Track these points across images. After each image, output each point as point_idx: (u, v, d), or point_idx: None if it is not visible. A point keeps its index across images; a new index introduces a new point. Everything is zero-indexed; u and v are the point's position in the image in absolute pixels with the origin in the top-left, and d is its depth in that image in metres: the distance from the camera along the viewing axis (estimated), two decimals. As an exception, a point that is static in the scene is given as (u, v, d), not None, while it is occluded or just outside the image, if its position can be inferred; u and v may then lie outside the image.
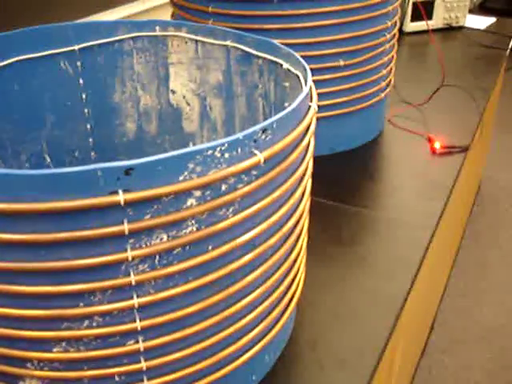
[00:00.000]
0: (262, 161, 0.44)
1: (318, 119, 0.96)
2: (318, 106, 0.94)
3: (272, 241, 0.49)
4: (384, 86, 1.01)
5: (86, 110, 0.77)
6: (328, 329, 0.64)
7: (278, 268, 0.53)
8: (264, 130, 0.44)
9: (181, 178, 0.40)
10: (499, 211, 2.09)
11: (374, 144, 1.02)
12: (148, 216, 0.41)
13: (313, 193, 0.88)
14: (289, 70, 0.60)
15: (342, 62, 0.92)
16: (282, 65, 0.61)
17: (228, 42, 0.68)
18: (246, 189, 0.44)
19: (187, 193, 0.41)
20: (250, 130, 0.42)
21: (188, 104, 0.76)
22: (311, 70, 0.91)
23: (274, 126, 0.44)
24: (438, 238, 1.07)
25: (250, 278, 0.49)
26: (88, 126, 0.78)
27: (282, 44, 0.89)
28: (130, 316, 0.45)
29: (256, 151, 0.43)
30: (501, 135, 2.61)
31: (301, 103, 0.48)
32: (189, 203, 0.41)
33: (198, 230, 0.43)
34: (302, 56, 0.90)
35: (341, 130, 0.99)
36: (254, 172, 0.44)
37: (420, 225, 0.81)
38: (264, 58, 0.64)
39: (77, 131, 0.78)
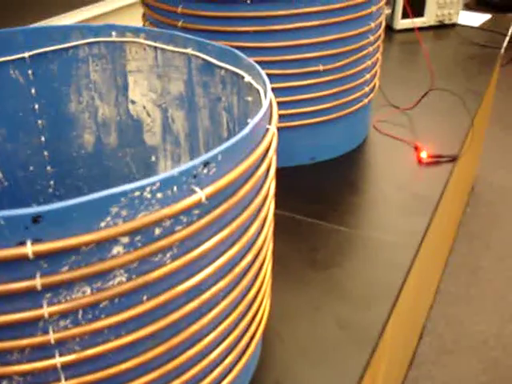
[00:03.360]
0: (204, 199, 0.38)
1: (297, 127, 0.90)
2: (298, 113, 0.88)
3: (222, 284, 0.43)
4: (368, 91, 0.95)
5: (39, 122, 0.71)
6: (295, 367, 0.58)
7: (233, 310, 0.47)
8: (206, 164, 0.38)
9: (102, 225, 0.34)
10: (493, 213, 2.04)
11: (357, 153, 0.97)
12: (65, 268, 0.35)
13: (287, 208, 0.82)
14: (250, 83, 0.54)
15: (321, 67, 0.86)
16: (243, 77, 0.55)
17: (189, 50, 0.62)
18: (186, 232, 0.38)
19: (112, 240, 0.35)
20: (189, 165, 0.36)
21: (149, 115, 0.70)
22: (289, 75, 0.85)
23: (219, 158, 0.39)
24: (422, 257, 1.01)
25: (197, 326, 0.43)
26: (42, 139, 0.72)
27: (258, 48, 0.83)
28: (54, 375, 0.39)
29: (196, 188, 0.38)
30: (495, 133, 2.55)
31: (255, 127, 0.42)
32: (115, 251, 0.36)
33: (128, 280, 0.37)
34: (278, 60, 0.84)
35: (322, 138, 0.93)
36: (196, 211, 0.39)
37: (402, 244, 0.76)
38: (226, 69, 0.58)
39: (30, 144, 0.72)
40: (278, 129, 0.89)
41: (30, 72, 0.68)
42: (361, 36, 0.89)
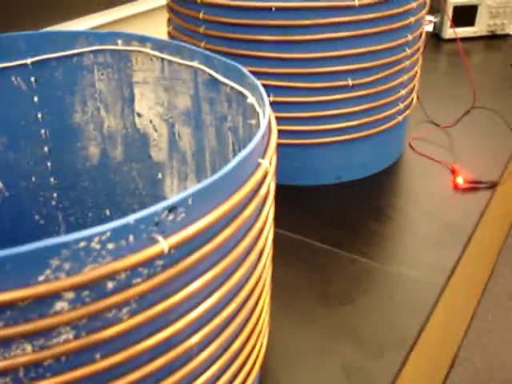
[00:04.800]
0: (167, 250, 0.33)
1: (323, 144, 0.84)
2: (324, 130, 0.82)
3: (197, 338, 0.38)
4: (402, 108, 0.88)
5: (42, 131, 0.67)
6: (291, 420, 0.53)
7: (214, 362, 0.42)
8: (172, 210, 0.32)
9: (41, 279, 0.29)
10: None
11: (387, 173, 0.90)
12: (0, 324, 0.30)
13: (301, 231, 0.76)
14: (253, 105, 0.48)
15: (350, 82, 0.79)
16: (247, 97, 0.50)
17: (195, 63, 0.56)
18: (146, 285, 0.33)
19: (53, 296, 0.30)
20: (150, 211, 0.31)
21: (155, 130, 0.65)
22: (314, 88, 0.79)
23: (190, 202, 0.33)
24: (449, 295, 0.93)
25: (167, 383, 0.38)
26: (45, 149, 0.68)
27: (282, 59, 0.77)
28: None
29: (159, 237, 0.32)
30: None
31: (242, 163, 0.37)
32: (58, 307, 0.31)
33: (76, 337, 0.32)
34: (303, 73, 0.78)
35: (349, 156, 0.86)
36: (160, 262, 0.33)
37: (427, 281, 0.69)
38: (232, 87, 0.53)
39: (33, 154, 0.68)
40: (302, 145, 0.83)
41: (32, 79, 0.64)
42: (396, 49, 0.82)
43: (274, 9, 0.75)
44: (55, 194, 0.71)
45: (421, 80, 1.24)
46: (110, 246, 0.30)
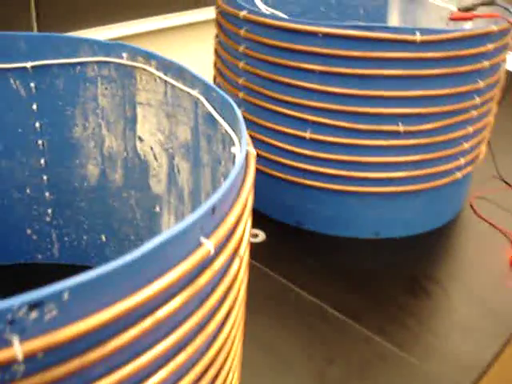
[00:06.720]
0: (21, 357, 0.24)
1: (362, 193, 0.73)
2: (365, 178, 0.71)
3: None
4: (463, 164, 0.76)
5: (39, 142, 0.61)
6: None
7: None
8: (34, 307, 0.24)
9: None
10: None
11: (434, 236, 0.78)
12: None
13: (316, 291, 0.66)
14: (235, 156, 0.39)
15: (401, 127, 0.68)
16: (234, 144, 0.41)
17: (196, 92, 0.48)
18: (-9, 400, 0.24)
19: None
20: (4, 304, 0.23)
21: (156, 159, 0.57)
22: (358, 130, 0.69)
23: (66, 297, 0.25)
24: None
25: None
26: (42, 161, 0.62)
27: (324, 92, 0.67)
28: None
29: (13, 338, 0.24)
30: None
31: (158, 248, 0.28)
32: None
33: None
34: (346, 111, 0.68)
35: (391, 211, 0.75)
36: (20, 368, 0.25)
37: (455, 382, 0.57)
38: (226, 128, 0.44)
39: (28, 165, 0.62)
40: (337, 191, 0.73)
41: (32, 85, 0.58)
42: (461, 96, 0.70)
43: (320, 34, 0.65)
44: (50, 210, 0.65)
45: (496, 128, 1.09)
46: None
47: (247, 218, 0.38)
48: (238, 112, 0.41)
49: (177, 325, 0.31)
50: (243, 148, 0.37)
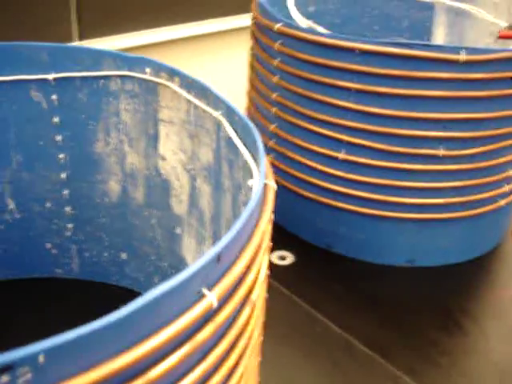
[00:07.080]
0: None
1: (397, 219, 0.69)
2: (401, 203, 0.67)
3: None
4: (507, 192, 0.71)
5: (61, 156, 0.59)
6: None
7: None
8: (7, 369, 0.21)
9: None
10: None
11: (473, 267, 0.73)
12: None
13: (344, 324, 0.62)
14: (251, 188, 0.36)
15: (441, 151, 0.64)
16: (252, 176, 0.37)
17: (218, 114, 0.45)
18: None
19: None
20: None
21: (177, 179, 0.54)
22: (395, 153, 0.65)
23: (41, 360, 0.22)
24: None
25: None
26: (63, 175, 0.60)
27: (359, 111, 0.64)
28: None
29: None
30: None
31: (162, 299, 0.25)
32: None
33: None
34: (382, 132, 0.64)
35: (427, 238, 0.71)
36: None
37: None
38: (245, 158, 0.41)
39: (49, 178, 0.61)
40: (371, 215, 0.69)
41: (54, 97, 0.56)
42: (507, 120, 0.65)
43: (358, 51, 0.62)
44: (70, 225, 0.63)
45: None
46: None
47: (263, 257, 0.35)
48: (259, 140, 0.38)
49: (174, 383, 0.28)
50: (261, 182, 0.34)
